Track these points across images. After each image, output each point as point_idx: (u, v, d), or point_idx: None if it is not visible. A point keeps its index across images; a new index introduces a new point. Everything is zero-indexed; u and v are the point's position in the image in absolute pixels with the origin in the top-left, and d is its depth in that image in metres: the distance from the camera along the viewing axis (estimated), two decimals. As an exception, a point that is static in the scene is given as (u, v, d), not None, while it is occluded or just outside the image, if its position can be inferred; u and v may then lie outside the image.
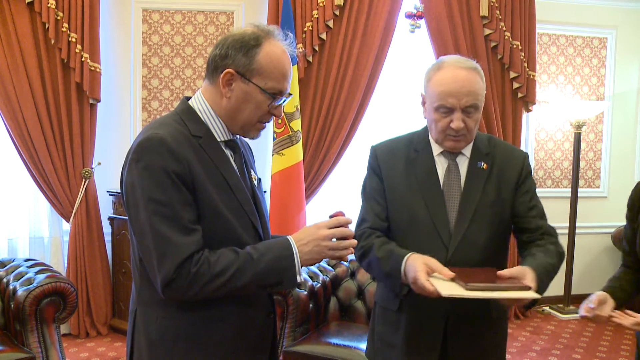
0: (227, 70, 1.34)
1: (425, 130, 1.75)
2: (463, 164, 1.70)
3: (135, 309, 1.42)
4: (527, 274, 1.46)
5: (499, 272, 1.48)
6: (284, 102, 1.42)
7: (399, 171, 1.72)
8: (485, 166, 1.68)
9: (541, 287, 1.47)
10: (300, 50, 3.93)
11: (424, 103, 1.69)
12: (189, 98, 1.45)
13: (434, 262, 1.48)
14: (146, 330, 1.38)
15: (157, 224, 1.26)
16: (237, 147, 1.46)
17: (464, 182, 1.67)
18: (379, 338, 1.80)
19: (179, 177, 1.27)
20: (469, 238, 1.62)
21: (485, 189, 1.66)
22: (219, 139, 1.40)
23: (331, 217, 1.39)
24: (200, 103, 1.41)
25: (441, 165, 1.70)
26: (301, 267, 1.34)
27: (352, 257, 1.61)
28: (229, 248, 1.32)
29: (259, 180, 1.56)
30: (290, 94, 1.45)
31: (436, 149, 1.71)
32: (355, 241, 1.38)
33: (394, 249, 1.62)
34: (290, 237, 1.37)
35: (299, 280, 1.34)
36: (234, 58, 1.34)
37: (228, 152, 1.43)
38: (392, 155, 1.75)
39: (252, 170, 1.53)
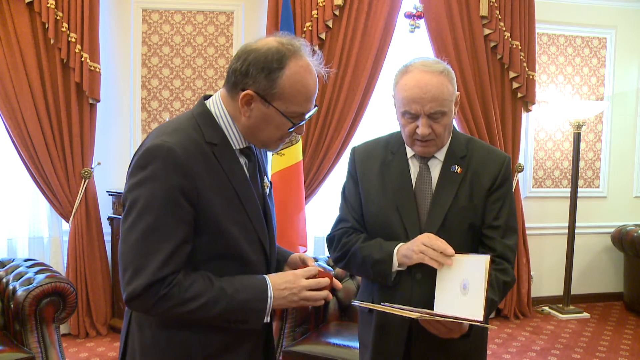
0: (246, 91, 1.28)
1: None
2: (435, 167, 1.66)
3: (130, 313, 1.39)
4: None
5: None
6: (305, 121, 1.37)
7: (374, 174, 1.70)
8: (459, 170, 1.63)
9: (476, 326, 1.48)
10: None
11: (395, 105, 1.66)
12: (207, 97, 1.39)
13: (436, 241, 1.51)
14: (140, 334, 1.35)
15: (144, 237, 1.22)
16: (252, 155, 1.42)
17: (435, 186, 1.64)
18: (359, 340, 1.83)
19: (182, 192, 1.23)
20: None
21: (458, 193, 1.61)
22: (234, 147, 1.35)
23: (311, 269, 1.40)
24: (218, 108, 1.35)
25: (414, 168, 1.68)
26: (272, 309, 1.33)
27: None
28: (204, 274, 1.28)
29: (270, 185, 1.52)
30: (316, 105, 1.39)
31: (410, 152, 1.68)
32: (329, 294, 1.39)
33: (382, 241, 1.63)
34: (268, 280, 1.33)
35: (265, 320, 1.33)
36: (255, 78, 1.26)
37: (242, 161, 1.38)
38: (369, 158, 1.74)
39: (265, 177, 1.49)
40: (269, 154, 3.82)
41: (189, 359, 1.33)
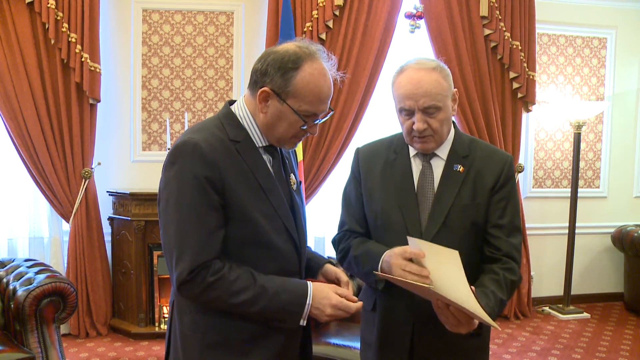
0: (263, 88, 1.38)
1: None
2: (438, 166, 1.67)
3: (173, 300, 1.49)
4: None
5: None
6: (319, 122, 1.47)
7: (376, 174, 1.72)
8: (461, 169, 1.65)
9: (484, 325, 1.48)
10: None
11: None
12: (232, 102, 1.49)
13: (406, 252, 1.49)
14: (180, 322, 1.45)
15: (182, 225, 1.32)
16: (276, 153, 1.50)
17: (438, 185, 1.65)
18: (361, 338, 1.84)
19: (209, 182, 1.32)
20: (439, 241, 1.57)
21: (460, 192, 1.62)
22: (257, 145, 1.44)
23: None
24: (241, 109, 1.45)
25: (416, 167, 1.69)
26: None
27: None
28: (247, 270, 1.36)
29: (299, 183, 1.59)
30: (332, 110, 1.49)
31: (412, 151, 1.70)
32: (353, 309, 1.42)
33: (370, 247, 1.64)
34: (310, 287, 1.40)
35: (302, 323, 1.40)
36: (272, 77, 1.37)
37: (266, 157, 1.46)
38: (372, 158, 1.76)
39: (292, 175, 1.56)
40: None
41: (227, 343, 1.41)
